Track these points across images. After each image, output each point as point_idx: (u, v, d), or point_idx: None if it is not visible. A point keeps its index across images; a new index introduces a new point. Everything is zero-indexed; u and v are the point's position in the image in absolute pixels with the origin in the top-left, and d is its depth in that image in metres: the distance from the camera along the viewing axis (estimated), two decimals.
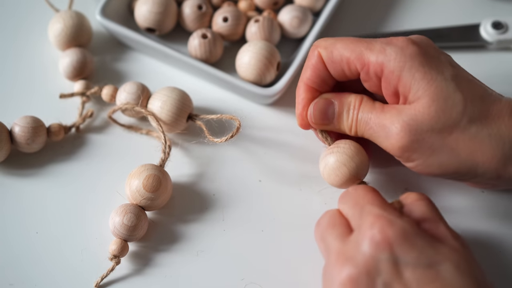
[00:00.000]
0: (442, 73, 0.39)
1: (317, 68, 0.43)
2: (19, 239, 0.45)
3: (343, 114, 0.42)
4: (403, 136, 0.39)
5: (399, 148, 0.40)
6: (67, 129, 0.49)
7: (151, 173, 0.44)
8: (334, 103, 0.42)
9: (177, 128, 0.48)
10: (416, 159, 0.40)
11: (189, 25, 0.53)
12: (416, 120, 0.39)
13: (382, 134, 0.40)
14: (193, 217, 0.46)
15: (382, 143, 0.41)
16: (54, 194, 0.47)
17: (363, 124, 0.41)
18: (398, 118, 0.39)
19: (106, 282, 0.44)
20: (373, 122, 0.41)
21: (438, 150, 0.39)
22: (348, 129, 0.42)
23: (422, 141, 0.39)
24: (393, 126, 0.39)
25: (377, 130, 0.40)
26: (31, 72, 0.53)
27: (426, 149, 0.39)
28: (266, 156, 0.49)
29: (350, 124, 0.42)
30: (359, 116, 0.41)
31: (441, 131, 0.38)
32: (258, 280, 0.44)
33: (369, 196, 0.39)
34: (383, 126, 0.40)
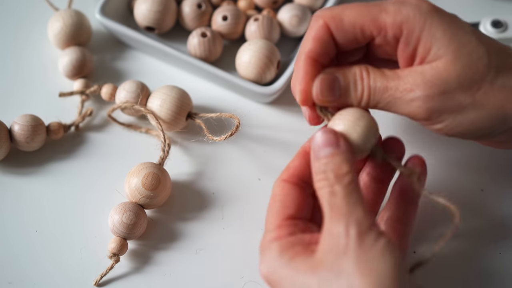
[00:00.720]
0: (461, 27, 0.38)
1: (321, 39, 0.39)
2: (19, 238, 0.45)
3: (350, 86, 0.39)
4: (431, 97, 0.37)
5: (427, 110, 0.37)
6: (67, 127, 0.49)
7: (150, 171, 0.44)
8: (338, 77, 0.39)
9: (176, 126, 0.48)
10: (445, 119, 0.38)
11: (189, 23, 0.53)
12: (442, 79, 0.37)
13: (404, 99, 0.37)
14: (192, 216, 0.46)
15: (405, 109, 0.38)
16: (53, 193, 0.47)
17: (379, 93, 0.38)
18: (422, 79, 0.37)
19: (105, 280, 0.44)
20: (392, 88, 0.38)
21: (468, 107, 0.37)
22: (357, 101, 0.39)
23: (451, 99, 0.37)
24: (418, 89, 0.37)
25: (398, 96, 0.38)
26: (31, 70, 0.53)
27: (455, 107, 0.37)
28: (266, 155, 0.49)
29: (360, 95, 0.39)
30: (372, 85, 0.39)
31: (469, 87, 0.37)
32: (257, 279, 0.43)
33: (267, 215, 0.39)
34: (405, 91, 0.37)
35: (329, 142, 0.37)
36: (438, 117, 0.38)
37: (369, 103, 0.39)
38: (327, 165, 0.36)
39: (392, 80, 0.38)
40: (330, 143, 0.36)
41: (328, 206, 0.35)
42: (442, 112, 0.37)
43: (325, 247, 0.34)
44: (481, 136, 0.39)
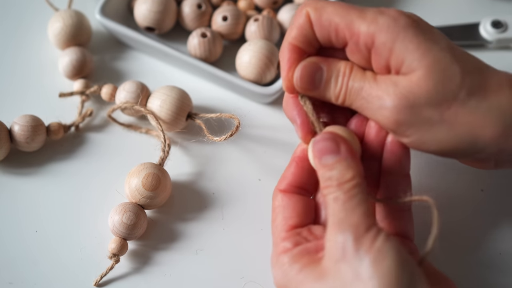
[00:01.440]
0: (437, 43, 0.37)
1: (304, 28, 0.39)
2: (19, 238, 0.45)
3: (331, 80, 0.39)
4: (399, 109, 0.36)
5: (394, 121, 0.37)
6: (67, 128, 0.49)
7: (150, 171, 0.44)
8: (322, 68, 0.39)
9: (176, 127, 0.48)
10: (412, 134, 0.37)
11: (189, 24, 0.53)
12: (413, 93, 0.36)
13: (375, 105, 0.37)
14: (192, 216, 0.46)
15: (374, 115, 0.38)
16: (53, 193, 0.47)
17: (354, 94, 0.38)
18: (394, 89, 0.36)
19: (105, 280, 0.44)
20: (365, 92, 0.37)
21: (436, 125, 0.36)
22: (335, 98, 0.39)
23: (419, 115, 0.36)
24: (388, 98, 0.36)
25: (370, 101, 0.37)
26: (31, 71, 0.53)
27: (423, 123, 0.36)
28: (266, 155, 0.49)
29: (338, 92, 0.39)
30: (350, 84, 0.38)
31: (439, 105, 0.36)
32: (257, 279, 0.44)
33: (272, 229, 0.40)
34: (377, 97, 0.37)
35: (330, 149, 0.36)
36: (405, 131, 0.37)
37: (344, 101, 0.39)
38: (331, 172, 0.36)
39: (368, 83, 0.38)
40: (331, 150, 0.36)
41: (330, 213, 0.35)
42: (409, 126, 0.37)
43: (327, 255, 0.35)
44: (449, 155, 0.39)
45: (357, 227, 0.34)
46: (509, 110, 0.36)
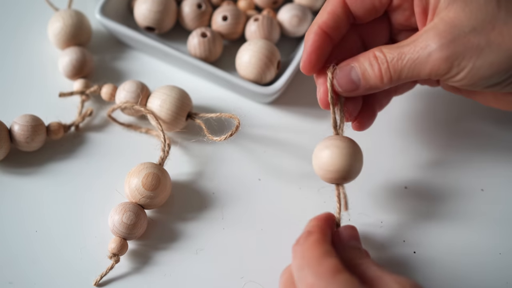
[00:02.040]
0: None
1: (336, 13, 0.41)
2: (19, 238, 0.45)
3: (367, 70, 0.40)
4: (446, 45, 0.37)
5: (446, 59, 0.37)
6: (67, 127, 0.49)
7: (150, 171, 0.44)
8: (353, 65, 0.40)
9: (176, 126, 0.48)
10: (466, 66, 0.37)
11: (189, 23, 0.53)
12: (455, 25, 0.37)
13: (423, 57, 0.38)
14: (192, 216, 0.46)
15: (426, 67, 0.38)
16: (53, 193, 0.47)
17: (397, 62, 0.39)
18: (435, 32, 0.38)
19: (105, 280, 0.44)
20: (408, 52, 0.38)
21: (485, 48, 0.37)
22: (380, 80, 0.40)
23: (466, 43, 0.37)
24: (433, 41, 0.37)
25: (416, 57, 0.38)
26: (31, 70, 0.53)
27: (473, 51, 0.37)
28: (266, 155, 0.49)
29: (379, 73, 0.39)
30: (389, 58, 0.39)
31: (483, 29, 0.37)
32: (257, 279, 0.44)
33: (311, 251, 0.37)
34: (421, 48, 0.38)
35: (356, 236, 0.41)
36: (459, 65, 0.37)
37: (391, 77, 0.39)
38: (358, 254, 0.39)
39: (407, 46, 0.39)
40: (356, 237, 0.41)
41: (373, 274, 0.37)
42: (461, 58, 0.37)
43: None
44: (502, 81, 0.39)
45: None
46: None
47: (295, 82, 0.52)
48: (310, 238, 0.38)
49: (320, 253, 0.37)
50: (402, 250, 0.45)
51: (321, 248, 0.37)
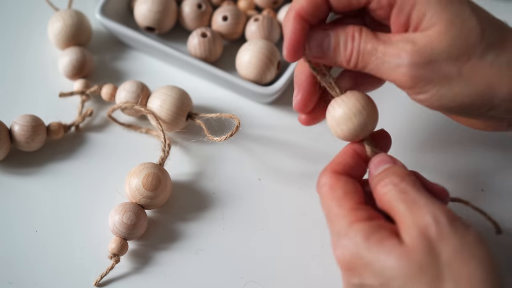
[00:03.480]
0: None
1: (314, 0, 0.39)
2: (19, 238, 0.45)
3: (340, 45, 0.38)
4: (418, 66, 0.36)
5: (412, 78, 0.36)
6: (67, 128, 0.49)
7: (150, 171, 0.44)
8: (330, 34, 0.39)
9: (176, 126, 0.48)
10: (429, 90, 0.37)
11: (189, 24, 0.53)
12: (432, 48, 0.36)
13: (391, 64, 0.37)
14: (192, 216, 0.46)
15: (390, 74, 0.37)
16: (53, 193, 0.47)
17: (367, 55, 0.38)
18: (412, 47, 0.36)
19: (105, 280, 0.44)
20: (380, 52, 0.37)
21: (453, 79, 0.36)
22: (346, 61, 0.39)
23: (437, 70, 0.36)
24: (406, 55, 0.36)
25: (385, 61, 0.37)
26: (31, 71, 0.53)
27: (441, 78, 0.36)
28: (266, 155, 0.49)
29: (349, 55, 0.38)
30: (362, 46, 0.38)
31: (458, 59, 0.36)
32: (257, 279, 0.44)
33: (326, 202, 0.37)
34: (393, 56, 0.37)
35: (387, 160, 0.38)
36: (423, 87, 0.37)
37: (357, 64, 0.39)
38: (387, 173, 0.37)
39: (382, 44, 0.37)
40: (388, 161, 0.38)
41: (403, 203, 0.35)
42: (427, 82, 0.37)
43: (414, 237, 0.33)
44: (464, 112, 0.38)
45: (446, 211, 0.34)
46: None
47: None
48: (323, 189, 0.38)
49: (334, 204, 0.37)
50: None
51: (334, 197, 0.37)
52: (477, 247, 0.33)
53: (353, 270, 0.35)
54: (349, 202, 0.37)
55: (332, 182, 0.38)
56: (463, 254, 0.33)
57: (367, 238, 0.34)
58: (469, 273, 0.32)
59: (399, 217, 0.35)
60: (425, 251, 0.33)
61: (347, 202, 0.37)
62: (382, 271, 0.33)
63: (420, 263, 0.33)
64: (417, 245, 0.33)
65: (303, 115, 0.42)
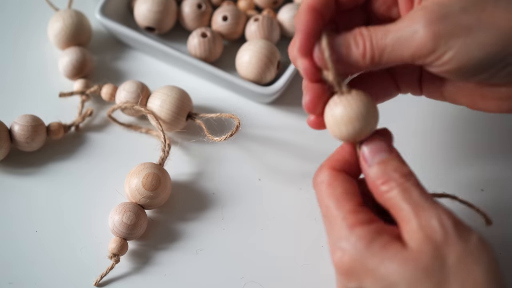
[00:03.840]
0: None
1: None
2: (19, 238, 0.45)
3: (351, 44, 0.37)
4: (433, 21, 0.35)
5: (432, 36, 0.35)
6: (67, 128, 0.49)
7: (150, 171, 0.44)
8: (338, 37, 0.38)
9: (176, 126, 0.48)
10: (454, 45, 0.35)
11: (189, 24, 0.53)
12: (443, 5, 0.36)
13: (407, 34, 0.36)
14: (192, 216, 0.46)
15: (410, 46, 0.36)
16: (53, 193, 0.47)
17: (381, 39, 0.36)
18: (422, 11, 0.36)
19: (105, 280, 0.44)
20: (393, 30, 0.36)
21: (476, 28, 0.35)
22: (362, 56, 0.37)
23: (456, 22, 0.35)
24: (419, 19, 0.35)
25: (401, 35, 0.36)
26: (31, 71, 0.53)
27: (463, 29, 0.35)
28: (266, 155, 0.49)
29: (363, 49, 0.37)
30: (373, 36, 0.37)
31: (473, 9, 0.35)
32: (257, 279, 0.44)
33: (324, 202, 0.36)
34: (407, 26, 0.36)
35: (384, 148, 0.36)
36: (446, 43, 0.35)
37: (373, 56, 0.37)
38: (387, 168, 0.35)
39: (393, 25, 0.37)
40: (384, 149, 0.36)
41: (407, 204, 0.34)
42: (449, 36, 0.35)
43: (419, 241, 0.33)
44: (491, 67, 0.36)
45: (450, 214, 0.34)
46: None
47: (295, 82, 0.52)
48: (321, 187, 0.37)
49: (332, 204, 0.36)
50: None
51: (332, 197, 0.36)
52: (481, 250, 0.33)
53: (351, 275, 0.34)
54: (349, 203, 0.36)
55: (331, 180, 0.37)
56: (468, 258, 0.33)
57: (370, 243, 0.34)
58: (475, 278, 0.32)
59: (402, 218, 0.34)
60: (431, 256, 0.33)
61: (347, 203, 0.36)
62: (385, 276, 0.33)
63: (426, 268, 0.32)
64: (423, 249, 0.33)
65: (312, 117, 0.40)
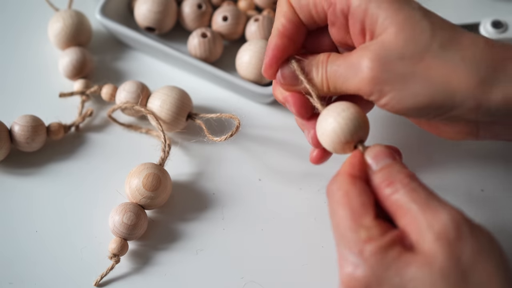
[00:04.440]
0: (409, 3, 0.38)
1: (288, 14, 0.41)
2: (19, 238, 0.45)
3: (313, 72, 0.40)
4: (373, 67, 0.37)
5: (370, 80, 0.37)
6: (67, 128, 0.49)
7: (150, 171, 0.44)
8: (304, 62, 0.40)
9: (176, 127, 0.48)
10: (388, 92, 0.37)
11: (189, 24, 0.53)
12: (385, 50, 0.37)
13: (351, 73, 0.38)
14: (192, 216, 0.46)
15: (351, 84, 0.38)
16: (53, 193, 0.47)
17: (333, 74, 0.39)
18: (366, 52, 0.37)
19: (105, 280, 0.44)
20: (341, 67, 0.38)
21: (410, 78, 0.36)
22: (320, 87, 0.40)
23: (393, 70, 0.37)
24: (362, 61, 0.37)
25: (346, 72, 0.38)
26: (31, 71, 0.53)
27: (398, 79, 0.37)
28: (266, 155, 0.49)
29: (321, 80, 0.40)
30: (328, 68, 0.39)
31: (411, 58, 0.36)
32: (257, 279, 0.44)
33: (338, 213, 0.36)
34: (351, 65, 0.38)
35: (386, 154, 0.37)
36: (382, 89, 0.37)
37: (329, 87, 0.40)
38: (391, 171, 0.36)
39: (343, 59, 0.39)
40: (387, 155, 0.37)
41: (415, 203, 0.34)
42: (385, 84, 0.37)
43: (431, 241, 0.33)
44: (427, 114, 0.38)
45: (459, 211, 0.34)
46: (483, 62, 0.36)
47: None
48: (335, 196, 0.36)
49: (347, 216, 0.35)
50: None
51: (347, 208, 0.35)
52: (492, 246, 0.33)
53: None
54: (364, 216, 0.35)
55: (348, 188, 0.36)
56: (481, 254, 0.33)
57: (383, 257, 0.33)
58: (490, 273, 0.32)
59: (410, 218, 0.34)
60: (446, 256, 0.33)
61: (362, 216, 0.35)
62: (402, 285, 0.33)
63: (442, 268, 0.32)
64: (436, 249, 0.33)
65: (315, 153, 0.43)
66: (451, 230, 0.33)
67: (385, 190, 0.35)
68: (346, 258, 0.34)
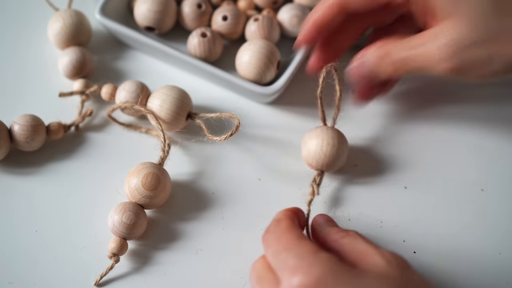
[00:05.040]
0: None
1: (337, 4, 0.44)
2: (19, 238, 0.45)
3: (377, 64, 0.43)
4: (451, 59, 0.40)
5: (451, 69, 0.40)
6: (67, 127, 0.49)
7: (150, 171, 0.44)
8: (364, 60, 0.44)
9: (176, 126, 0.48)
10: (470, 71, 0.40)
11: (189, 23, 0.53)
12: (457, 40, 0.39)
13: (429, 63, 0.41)
14: (192, 216, 0.46)
15: (432, 71, 0.41)
16: (53, 193, 0.47)
17: (403, 64, 0.42)
18: (438, 44, 0.40)
19: (105, 280, 0.44)
20: (413, 56, 0.41)
21: (487, 60, 0.40)
22: (386, 75, 0.43)
23: (471, 57, 0.39)
24: (436, 54, 0.40)
25: (421, 61, 0.41)
26: (31, 70, 0.53)
27: (477, 62, 0.40)
28: (266, 155, 0.49)
29: (386, 68, 0.43)
30: (395, 57, 0.42)
31: (484, 42, 0.39)
32: None
33: (285, 236, 0.37)
34: (426, 57, 0.41)
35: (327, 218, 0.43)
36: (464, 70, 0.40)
37: (397, 72, 0.43)
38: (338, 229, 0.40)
39: (412, 49, 0.41)
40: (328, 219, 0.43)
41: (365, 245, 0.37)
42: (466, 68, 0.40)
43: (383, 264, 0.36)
44: None
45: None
46: None
47: (295, 82, 0.52)
48: (281, 224, 0.38)
49: (295, 236, 0.37)
50: (402, 250, 0.45)
51: (295, 232, 0.38)
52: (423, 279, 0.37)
53: None
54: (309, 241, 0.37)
55: (290, 221, 0.39)
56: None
57: (339, 261, 0.35)
58: None
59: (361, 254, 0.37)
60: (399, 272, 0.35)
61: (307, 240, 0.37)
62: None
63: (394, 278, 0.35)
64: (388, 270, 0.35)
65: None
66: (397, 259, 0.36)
67: (342, 241, 0.38)
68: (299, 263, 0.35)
